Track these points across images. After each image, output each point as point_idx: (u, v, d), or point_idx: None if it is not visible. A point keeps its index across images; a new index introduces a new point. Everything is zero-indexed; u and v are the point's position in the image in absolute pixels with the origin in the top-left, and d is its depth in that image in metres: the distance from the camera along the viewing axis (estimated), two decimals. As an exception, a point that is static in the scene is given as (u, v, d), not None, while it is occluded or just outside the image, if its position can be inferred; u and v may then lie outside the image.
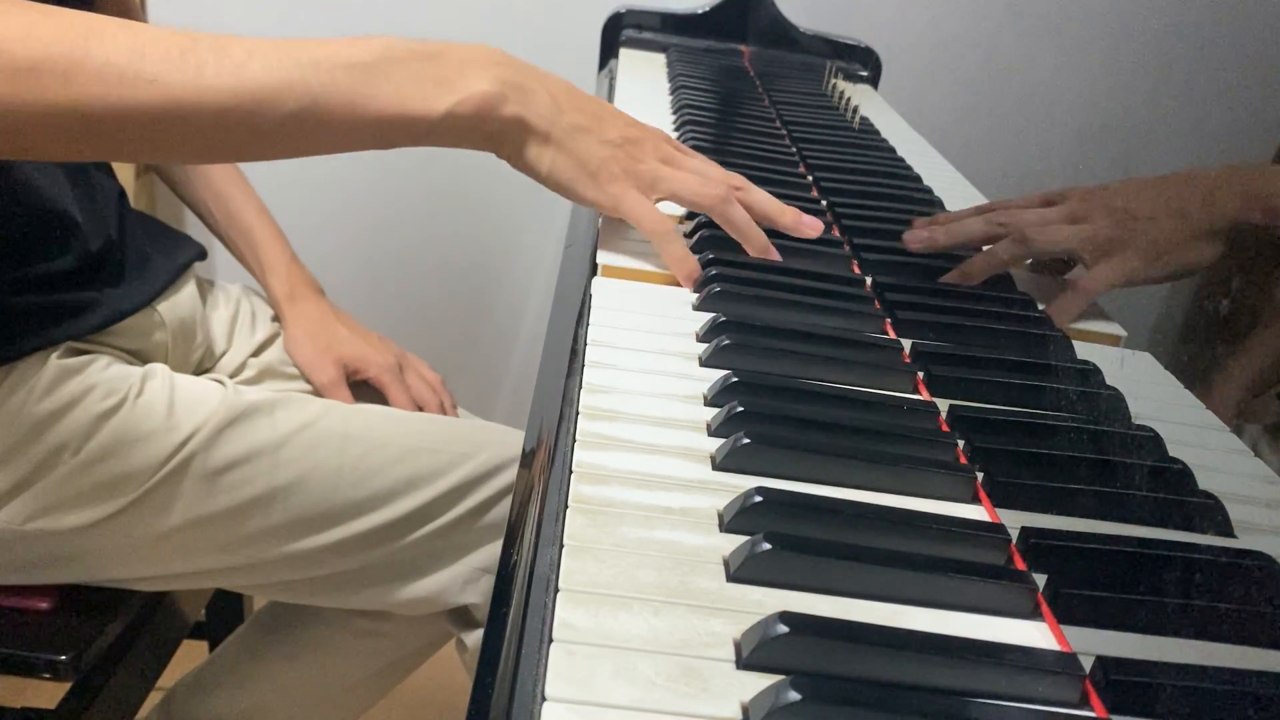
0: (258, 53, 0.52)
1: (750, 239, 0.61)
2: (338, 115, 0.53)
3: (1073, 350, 0.59)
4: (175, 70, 0.50)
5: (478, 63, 0.56)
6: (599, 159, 0.59)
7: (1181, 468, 0.47)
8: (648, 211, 0.60)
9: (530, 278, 1.57)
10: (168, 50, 0.50)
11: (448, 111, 0.55)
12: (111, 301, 0.75)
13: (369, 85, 0.54)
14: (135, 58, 0.49)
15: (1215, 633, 0.36)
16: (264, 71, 0.51)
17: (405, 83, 0.54)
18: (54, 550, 0.72)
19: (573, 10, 1.38)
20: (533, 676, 0.30)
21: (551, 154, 0.58)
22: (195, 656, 1.00)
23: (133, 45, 0.49)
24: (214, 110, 0.51)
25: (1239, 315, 0.65)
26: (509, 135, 0.58)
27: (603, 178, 0.59)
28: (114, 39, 0.49)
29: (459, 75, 0.56)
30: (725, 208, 0.61)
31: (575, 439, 0.42)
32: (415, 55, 0.55)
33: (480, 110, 0.56)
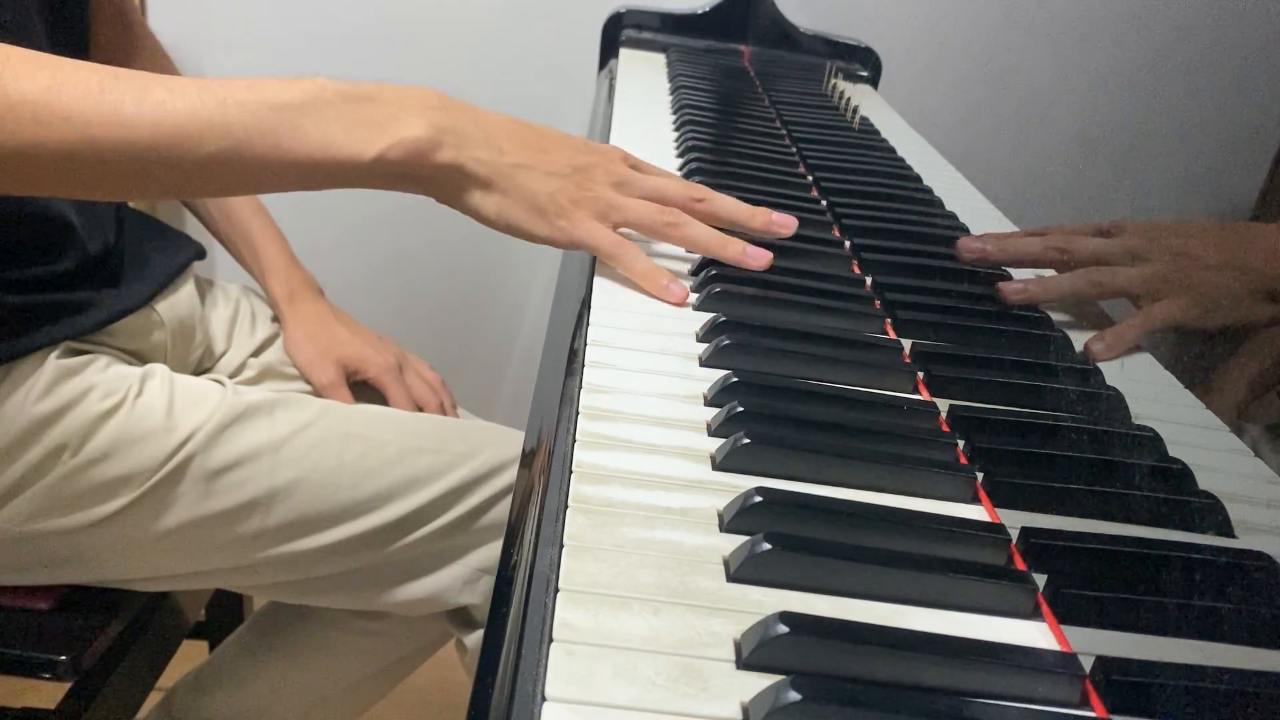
0: (180, 92, 0.51)
1: (717, 252, 0.59)
2: (261, 157, 0.52)
3: (1073, 350, 0.59)
4: (92, 108, 0.49)
5: (412, 107, 0.55)
6: (546, 193, 0.57)
7: (1181, 468, 0.47)
8: (602, 235, 0.58)
9: (530, 278, 1.57)
10: (86, 88, 0.49)
11: (377, 156, 0.54)
12: (110, 301, 0.75)
13: (295, 127, 0.52)
14: (51, 95, 0.48)
15: (1215, 633, 0.36)
16: (185, 111, 0.50)
17: (333, 126, 0.53)
18: (53, 551, 0.72)
19: (573, 10, 1.38)
20: (533, 676, 0.30)
21: (497, 198, 0.57)
22: (195, 656, 1.00)
23: (50, 82, 0.48)
24: (133, 149, 0.50)
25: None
26: (444, 181, 0.56)
27: (551, 212, 0.57)
28: (31, 75, 0.48)
29: (390, 119, 0.54)
30: (679, 231, 0.59)
31: (575, 439, 0.42)
32: (346, 98, 0.54)
33: (412, 155, 0.54)
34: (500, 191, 0.57)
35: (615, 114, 0.94)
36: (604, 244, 0.58)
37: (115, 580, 0.75)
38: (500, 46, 1.41)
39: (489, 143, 0.57)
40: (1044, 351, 0.58)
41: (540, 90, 1.40)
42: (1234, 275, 0.61)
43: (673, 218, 0.59)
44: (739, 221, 0.61)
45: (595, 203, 0.58)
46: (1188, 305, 0.61)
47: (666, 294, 0.57)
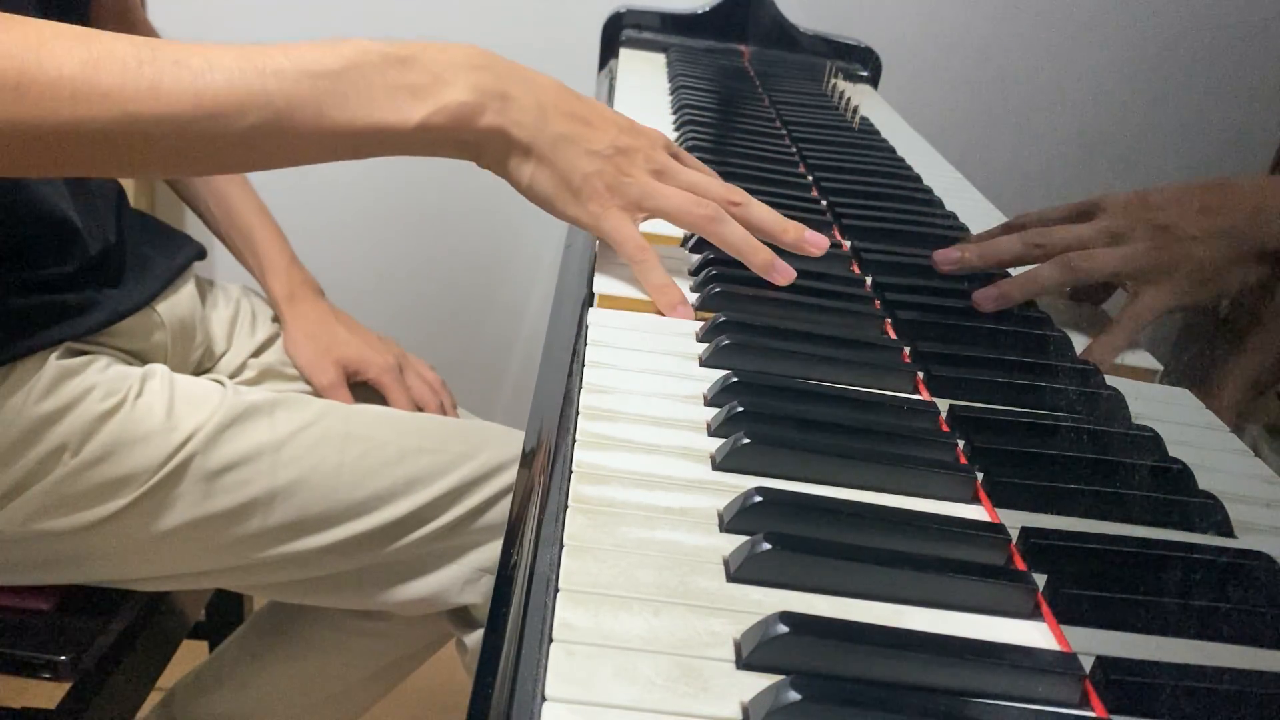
0: (219, 62, 0.49)
1: (748, 256, 0.57)
2: (304, 127, 0.51)
3: (1072, 350, 0.59)
4: (130, 83, 0.48)
5: (456, 67, 0.53)
6: (583, 173, 0.56)
7: (1181, 468, 0.47)
8: (629, 235, 0.56)
9: (530, 278, 1.57)
10: (124, 62, 0.48)
11: (422, 122, 0.52)
12: (110, 302, 0.75)
13: (337, 95, 0.51)
14: (89, 71, 0.47)
15: (1215, 633, 0.36)
16: (225, 82, 0.49)
17: (376, 92, 0.52)
18: (54, 551, 0.72)
19: (573, 10, 1.38)
20: (533, 676, 0.30)
21: (532, 167, 0.56)
22: (195, 656, 1.00)
23: (86, 58, 0.47)
24: (173, 124, 0.49)
25: (1239, 315, 0.65)
26: (489, 146, 0.55)
27: (585, 194, 0.56)
28: (67, 51, 0.47)
29: (435, 82, 0.53)
30: (716, 227, 0.57)
31: (575, 439, 0.42)
32: (388, 60, 0.52)
33: (457, 120, 0.53)
34: (537, 160, 0.56)
35: (615, 114, 0.94)
36: (628, 244, 0.56)
37: (115, 580, 0.75)
38: (500, 46, 1.41)
39: (534, 109, 0.55)
40: (1044, 351, 0.58)
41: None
42: (1218, 243, 0.58)
43: (710, 211, 0.57)
44: (772, 232, 0.59)
45: (631, 189, 0.57)
46: (1175, 286, 0.59)
47: (674, 312, 0.56)
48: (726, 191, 0.59)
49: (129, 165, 0.54)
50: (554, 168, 0.56)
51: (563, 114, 0.56)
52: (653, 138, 0.60)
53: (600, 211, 0.56)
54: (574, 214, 0.57)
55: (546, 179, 0.56)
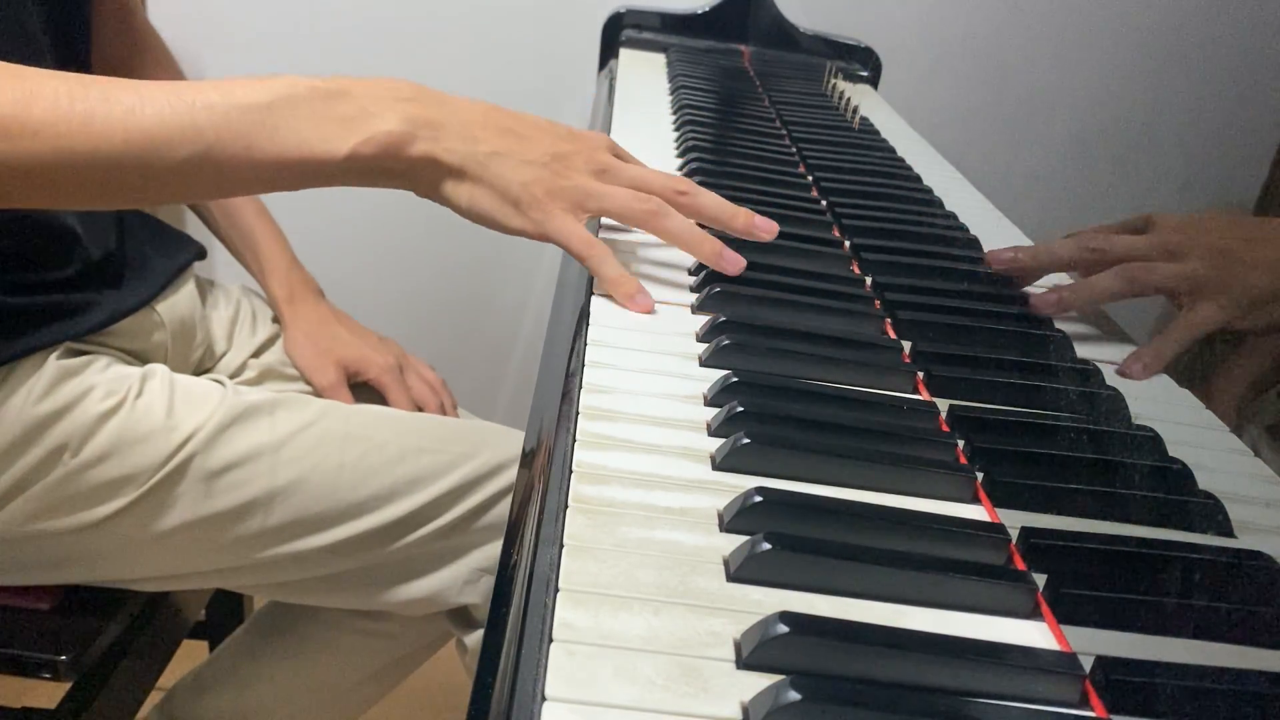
0: (150, 98, 0.50)
1: (695, 248, 0.57)
2: (235, 159, 0.52)
3: (1073, 350, 0.59)
4: (63, 119, 0.49)
5: (385, 100, 0.54)
6: (520, 183, 0.56)
7: (1181, 468, 0.47)
8: (573, 232, 0.56)
9: (530, 277, 1.57)
10: (55, 98, 0.49)
11: (351, 153, 0.53)
12: (111, 302, 0.75)
13: (266, 128, 0.52)
14: (21, 108, 0.48)
15: (1215, 633, 0.36)
16: (155, 117, 0.50)
17: (305, 124, 0.52)
18: (54, 551, 0.72)
19: (573, 10, 1.38)
20: (533, 676, 0.30)
21: (469, 188, 0.56)
22: (195, 656, 1.00)
23: (19, 95, 0.48)
24: (105, 158, 0.50)
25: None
26: (421, 174, 0.56)
27: (525, 203, 0.56)
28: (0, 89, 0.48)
29: (363, 114, 0.53)
30: (660, 221, 0.57)
31: (575, 439, 0.42)
32: (317, 94, 0.53)
33: (386, 150, 0.54)
34: (473, 180, 0.56)
35: (615, 114, 0.94)
36: (574, 240, 0.56)
37: (116, 580, 0.75)
38: (500, 46, 1.41)
39: (463, 132, 0.56)
40: (1044, 351, 0.58)
41: (540, 90, 1.41)
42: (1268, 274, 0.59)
43: (652, 205, 0.57)
44: (721, 220, 0.59)
45: (572, 192, 0.57)
46: (1228, 306, 0.59)
47: (632, 303, 0.55)
48: (670, 181, 0.59)
49: (64, 198, 0.55)
50: (490, 185, 0.56)
51: (494, 132, 0.56)
52: (593, 141, 0.60)
53: (542, 218, 0.56)
54: (518, 226, 0.57)
55: (484, 196, 0.56)
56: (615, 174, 0.58)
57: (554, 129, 0.59)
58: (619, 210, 0.57)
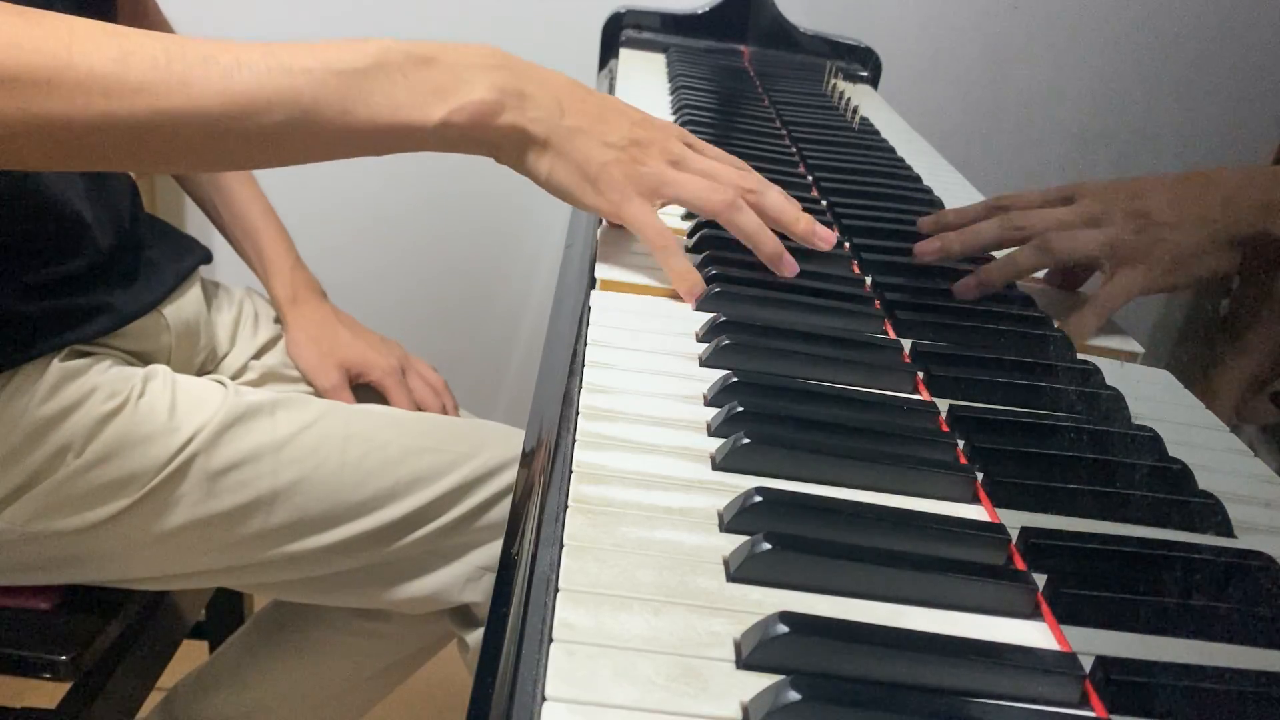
0: (247, 60, 0.50)
1: (759, 245, 0.58)
2: (330, 124, 0.52)
3: (1073, 350, 0.59)
4: (161, 80, 0.48)
5: (476, 67, 0.55)
6: (599, 163, 0.57)
7: (1181, 468, 0.47)
8: (650, 221, 0.57)
9: (530, 278, 1.57)
10: (154, 58, 0.48)
11: (443, 120, 0.54)
12: (119, 305, 0.75)
13: (362, 93, 0.52)
14: (120, 67, 0.48)
15: (1215, 633, 0.36)
16: (253, 80, 0.50)
17: (399, 90, 0.53)
18: (56, 551, 0.72)
19: (573, 10, 1.38)
20: (533, 676, 0.30)
21: (550, 160, 0.57)
22: (195, 656, 1.00)
23: (118, 54, 0.48)
24: (202, 121, 0.50)
25: (1239, 315, 0.65)
26: (507, 143, 0.57)
27: (603, 183, 0.57)
28: (98, 47, 0.48)
29: (455, 81, 0.54)
30: (731, 213, 0.58)
31: (575, 439, 0.42)
32: (411, 60, 0.54)
33: (476, 119, 0.55)
34: (555, 153, 0.57)
35: (615, 114, 0.94)
36: (649, 230, 0.57)
37: (117, 580, 0.75)
38: (500, 45, 1.41)
39: (550, 104, 0.57)
40: (1044, 351, 0.58)
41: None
42: (1195, 230, 0.59)
43: (729, 195, 0.58)
44: (784, 222, 0.60)
45: (649, 178, 0.58)
46: (1149, 270, 0.60)
47: (690, 297, 0.57)
48: (742, 179, 0.60)
49: (158, 160, 0.55)
50: (571, 160, 0.57)
51: (578, 109, 0.57)
52: (668, 129, 0.61)
53: (620, 200, 0.57)
54: (594, 203, 0.58)
55: (565, 171, 0.57)
56: (689, 164, 0.59)
57: (630, 112, 0.60)
58: (692, 199, 0.58)
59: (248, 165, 0.58)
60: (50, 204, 0.70)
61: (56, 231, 0.71)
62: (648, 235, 0.58)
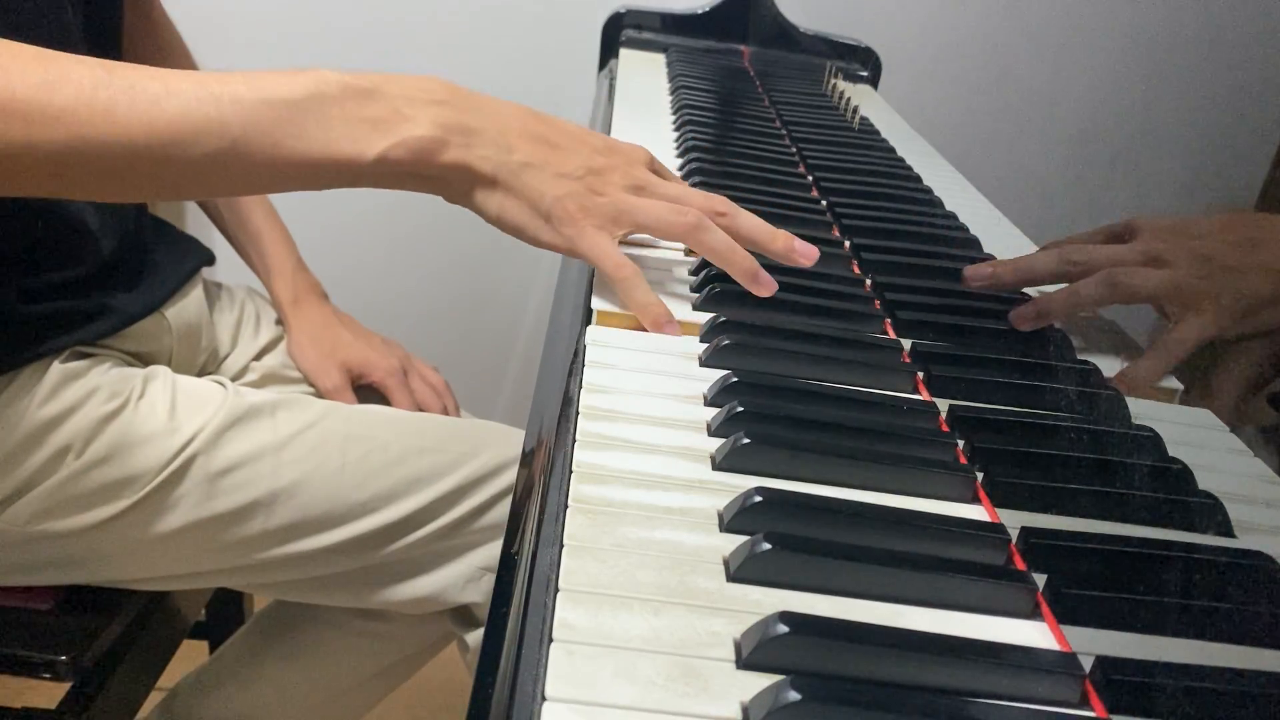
0: (176, 88, 0.49)
1: (732, 264, 0.55)
2: (260, 156, 0.50)
3: (1073, 350, 0.59)
4: (84, 107, 0.47)
5: (418, 101, 0.52)
6: (552, 197, 0.54)
7: (1181, 468, 0.47)
8: (607, 252, 0.54)
9: (530, 278, 1.57)
10: (79, 85, 0.47)
11: (380, 155, 0.51)
12: (122, 306, 0.75)
13: (293, 125, 0.50)
14: (43, 93, 0.46)
15: (1215, 633, 0.36)
16: (180, 110, 0.48)
17: (335, 124, 0.51)
18: (56, 552, 0.72)
19: (573, 10, 1.38)
20: (533, 676, 0.30)
21: (500, 198, 0.54)
22: (195, 656, 1.00)
23: (42, 80, 0.47)
24: (125, 149, 0.48)
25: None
26: (452, 181, 0.54)
27: (556, 217, 0.54)
28: (24, 72, 0.46)
29: (395, 116, 0.52)
30: (697, 235, 0.55)
31: (575, 439, 0.42)
32: (348, 92, 0.51)
33: (417, 155, 0.52)
34: (504, 190, 0.54)
35: (615, 114, 0.94)
36: (606, 262, 0.54)
37: (118, 581, 0.75)
38: (500, 46, 1.41)
39: (498, 139, 0.54)
40: (1044, 351, 0.58)
41: (540, 90, 1.40)
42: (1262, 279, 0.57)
43: (692, 218, 0.55)
44: (759, 242, 0.57)
45: (606, 208, 0.55)
46: (1219, 315, 0.57)
47: (660, 329, 0.54)
48: (710, 202, 0.57)
49: (82, 188, 0.53)
50: (522, 196, 0.54)
51: (529, 140, 0.55)
52: (631, 155, 0.58)
53: (575, 234, 0.54)
54: (549, 240, 0.55)
55: (515, 208, 0.55)
56: (652, 191, 0.57)
57: (590, 139, 0.57)
58: (655, 224, 0.56)
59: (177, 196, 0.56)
60: (54, 208, 0.70)
61: (60, 236, 0.71)
62: (605, 267, 0.55)
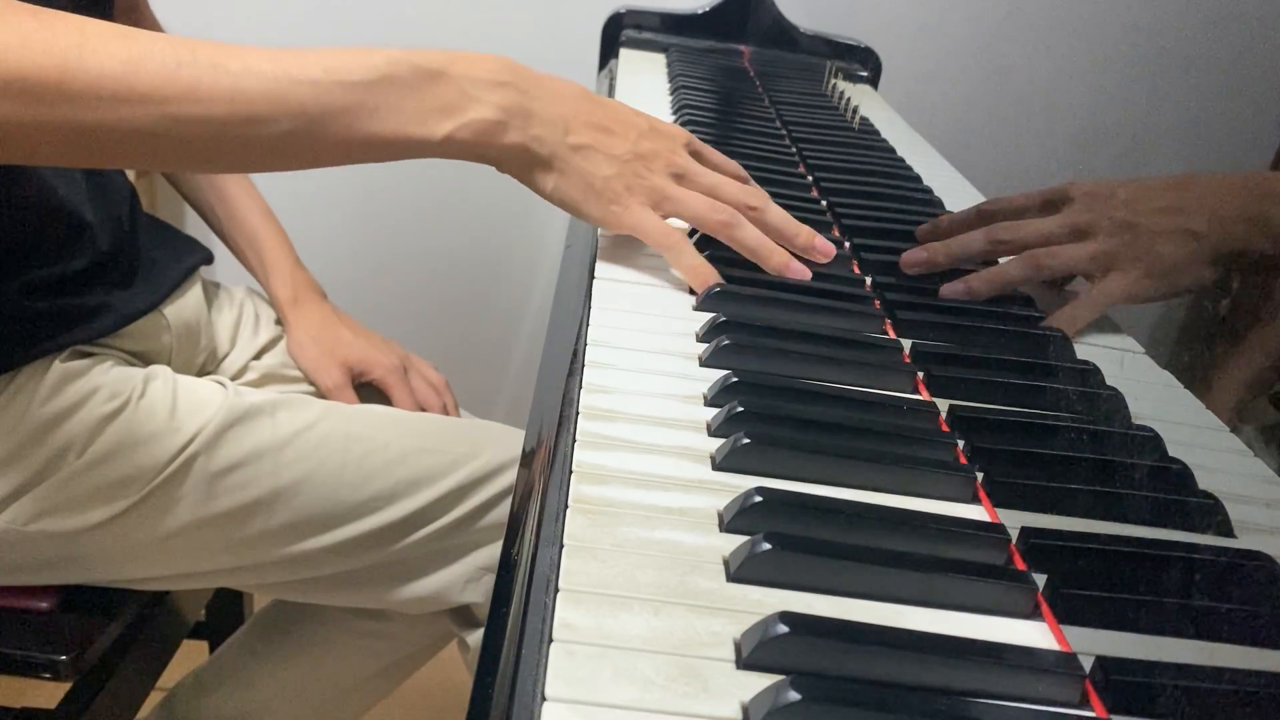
0: (255, 67, 0.51)
1: (764, 258, 0.60)
2: (334, 135, 0.53)
3: (1072, 350, 0.59)
4: (169, 85, 0.49)
5: (483, 83, 0.56)
6: (603, 178, 0.58)
7: (1181, 468, 0.47)
8: (654, 225, 0.59)
9: (530, 278, 1.57)
10: (162, 63, 0.49)
11: (447, 137, 0.55)
12: (120, 305, 0.75)
13: (367, 106, 0.53)
14: (129, 71, 0.48)
15: (1215, 633, 0.36)
16: (260, 89, 0.51)
17: (405, 105, 0.54)
18: (57, 551, 0.72)
19: (573, 10, 1.38)
20: (533, 676, 0.30)
21: (555, 178, 0.58)
22: (195, 656, 1.00)
23: (127, 58, 0.48)
24: (208, 126, 0.50)
25: (1238, 315, 0.65)
26: (511, 159, 0.58)
27: (606, 196, 0.59)
28: (108, 51, 0.48)
29: (462, 98, 0.55)
30: (731, 231, 0.59)
31: (575, 439, 0.42)
32: (418, 74, 0.54)
33: (481, 137, 0.56)
34: (559, 171, 0.58)
35: (615, 114, 0.94)
36: (654, 232, 0.59)
37: (118, 580, 0.75)
38: (500, 46, 1.41)
39: (554, 122, 0.58)
40: (1044, 351, 0.58)
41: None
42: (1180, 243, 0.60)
43: (726, 216, 0.59)
44: (784, 236, 0.61)
45: (650, 191, 0.59)
46: (1136, 279, 0.61)
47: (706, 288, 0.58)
48: (744, 195, 0.61)
49: (164, 162, 0.56)
50: (575, 176, 0.58)
51: (583, 124, 0.59)
52: (674, 139, 0.62)
53: (621, 210, 0.59)
54: (598, 215, 0.59)
55: (568, 186, 0.59)
56: (693, 178, 0.61)
57: (638, 122, 0.61)
58: (692, 217, 0.60)
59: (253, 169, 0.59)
60: (51, 205, 0.70)
61: (57, 232, 0.71)
62: (654, 238, 0.59)
